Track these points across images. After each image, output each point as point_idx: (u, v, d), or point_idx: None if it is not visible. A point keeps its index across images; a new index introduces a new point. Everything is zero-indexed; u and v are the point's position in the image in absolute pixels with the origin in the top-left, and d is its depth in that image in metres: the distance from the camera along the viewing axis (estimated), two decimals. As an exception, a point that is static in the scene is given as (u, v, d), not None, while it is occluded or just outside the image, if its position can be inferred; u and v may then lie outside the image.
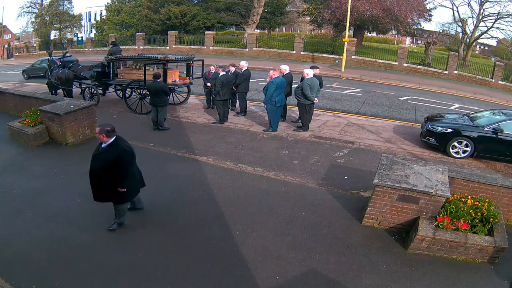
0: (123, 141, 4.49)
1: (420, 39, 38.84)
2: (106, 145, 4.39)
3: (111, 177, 4.41)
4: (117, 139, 4.44)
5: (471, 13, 29.29)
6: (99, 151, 4.46)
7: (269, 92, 8.39)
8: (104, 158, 4.37)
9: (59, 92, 11.84)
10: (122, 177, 4.42)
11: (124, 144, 4.46)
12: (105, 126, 4.38)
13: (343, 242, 4.77)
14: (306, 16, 30.84)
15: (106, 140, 4.37)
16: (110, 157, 4.32)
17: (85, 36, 41.05)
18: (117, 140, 4.42)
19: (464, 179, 5.18)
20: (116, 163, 4.32)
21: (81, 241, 4.66)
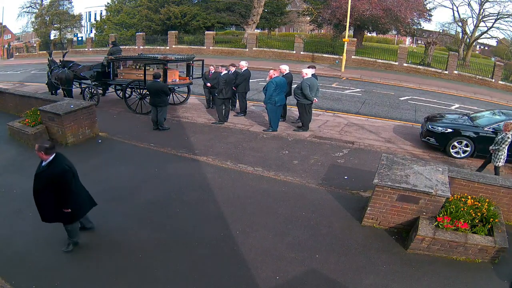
0: (63, 159, 4.20)
1: (420, 39, 38.84)
2: (46, 163, 4.12)
3: (54, 197, 4.15)
4: (57, 157, 4.15)
5: (471, 13, 29.34)
6: (40, 169, 4.18)
7: (268, 92, 8.40)
8: (44, 177, 4.11)
9: (59, 92, 11.83)
10: (65, 197, 4.15)
11: (64, 163, 4.17)
12: (43, 143, 4.12)
13: (343, 242, 4.77)
14: (306, 16, 30.82)
15: (46, 158, 4.11)
16: (49, 177, 4.07)
17: (85, 36, 41.06)
18: (56, 159, 4.14)
19: (464, 179, 5.18)
20: (56, 183, 4.07)
21: (81, 241, 4.65)
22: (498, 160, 6.82)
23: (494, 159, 6.88)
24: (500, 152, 6.78)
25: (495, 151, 6.82)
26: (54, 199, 4.16)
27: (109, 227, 5.01)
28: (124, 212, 5.35)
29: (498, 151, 6.78)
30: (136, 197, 5.77)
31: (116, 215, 5.27)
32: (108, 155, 7.47)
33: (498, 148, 6.76)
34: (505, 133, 6.70)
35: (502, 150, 6.76)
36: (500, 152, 6.78)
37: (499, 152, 6.78)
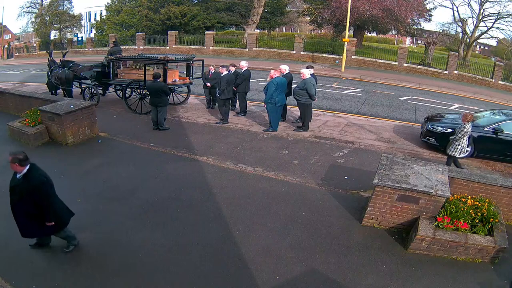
0: (38, 170, 3.97)
1: (420, 39, 38.80)
2: (21, 175, 3.89)
3: (34, 211, 3.95)
4: (31, 168, 3.92)
5: (471, 13, 29.30)
6: (15, 182, 3.93)
7: (269, 92, 8.40)
8: (21, 191, 3.88)
9: (59, 92, 11.84)
10: (47, 210, 3.98)
11: (40, 174, 3.95)
12: (17, 154, 3.84)
13: (343, 242, 4.77)
14: (306, 16, 30.80)
15: (20, 169, 3.86)
16: (27, 190, 3.84)
17: (85, 36, 41.02)
18: (32, 170, 3.91)
19: (464, 179, 5.18)
20: (36, 195, 3.87)
21: (81, 241, 4.65)
22: (454, 150, 6.78)
23: (450, 148, 6.84)
24: (457, 142, 6.73)
25: (453, 141, 6.80)
26: (34, 213, 3.96)
27: (109, 227, 5.01)
28: (124, 212, 5.35)
29: (455, 140, 6.74)
30: (136, 197, 5.77)
31: (116, 215, 5.27)
32: (108, 155, 7.47)
33: (455, 137, 6.74)
34: (463, 124, 6.66)
35: (459, 140, 6.71)
36: (457, 142, 6.73)
37: (456, 142, 6.74)
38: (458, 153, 6.77)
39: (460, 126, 6.66)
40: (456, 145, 6.74)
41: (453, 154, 6.82)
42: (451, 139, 6.84)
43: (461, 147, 6.72)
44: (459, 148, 6.72)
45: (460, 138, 6.65)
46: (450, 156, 6.88)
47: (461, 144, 6.70)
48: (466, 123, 6.58)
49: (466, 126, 6.58)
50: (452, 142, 6.80)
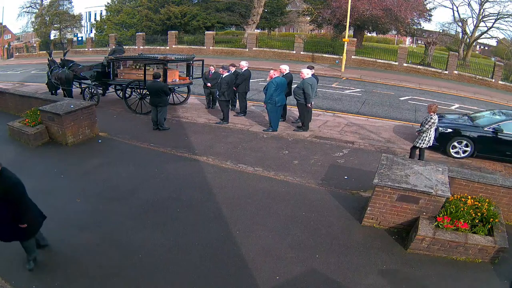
0: (9, 172, 3.87)
1: (420, 39, 38.80)
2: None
3: (6, 214, 3.86)
4: (3, 171, 3.80)
5: (471, 13, 29.29)
6: None
7: (269, 92, 8.40)
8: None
9: (59, 92, 11.83)
10: (20, 212, 3.88)
11: (13, 175, 3.85)
12: None
13: (343, 242, 4.77)
14: (306, 16, 30.79)
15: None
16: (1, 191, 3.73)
17: (85, 36, 41.02)
18: (3, 172, 3.80)
19: (464, 179, 5.18)
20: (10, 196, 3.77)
21: (81, 241, 4.66)
22: (422, 142, 6.94)
23: (417, 140, 6.98)
24: (424, 134, 6.88)
25: (419, 133, 6.94)
26: (6, 215, 3.86)
27: (109, 227, 5.01)
28: (124, 212, 5.35)
29: (422, 132, 6.88)
30: (136, 197, 5.77)
31: (116, 215, 5.27)
32: (108, 155, 7.47)
33: (421, 129, 6.88)
34: (430, 115, 6.80)
35: (425, 132, 6.85)
36: (424, 133, 6.87)
37: (423, 134, 6.88)
38: (426, 144, 6.95)
39: (427, 118, 6.84)
40: (423, 137, 6.91)
41: (420, 146, 6.99)
42: (417, 131, 7.03)
43: (428, 139, 6.90)
44: (427, 139, 6.90)
45: (428, 129, 6.83)
46: (416, 147, 7.07)
47: (428, 136, 6.88)
48: (432, 114, 6.78)
49: (433, 117, 6.76)
50: (420, 135, 6.96)
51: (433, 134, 6.95)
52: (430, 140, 6.94)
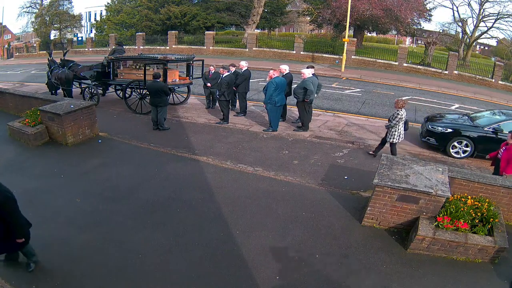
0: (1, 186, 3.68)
1: (420, 39, 38.83)
2: None
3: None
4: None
5: (471, 13, 29.31)
6: None
7: (268, 92, 8.40)
8: None
9: (59, 92, 11.83)
10: (15, 227, 3.76)
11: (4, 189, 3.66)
12: None
13: (343, 242, 4.77)
14: (306, 16, 30.82)
15: None
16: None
17: (85, 36, 41.01)
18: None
19: (464, 179, 5.18)
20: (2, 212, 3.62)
21: (81, 241, 4.66)
22: (392, 137, 7.18)
23: (388, 135, 7.22)
24: (393, 129, 7.12)
25: (389, 128, 7.15)
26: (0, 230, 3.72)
27: (109, 227, 5.00)
28: (124, 212, 5.35)
29: (391, 127, 7.11)
30: (136, 197, 5.77)
31: (116, 215, 5.27)
32: (108, 155, 7.47)
33: (390, 125, 7.10)
34: (396, 110, 7.02)
35: (394, 127, 7.08)
36: (393, 128, 7.11)
37: (392, 129, 7.12)
38: (397, 139, 7.18)
39: (394, 113, 7.07)
40: (393, 132, 7.13)
41: (392, 141, 7.21)
42: (386, 126, 7.25)
43: (398, 133, 7.13)
44: (396, 134, 7.13)
45: (396, 124, 7.05)
46: (392, 143, 7.28)
47: (397, 130, 7.11)
48: (399, 109, 7.00)
49: (400, 112, 6.99)
50: (389, 130, 7.18)
51: (402, 129, 7.18)
52: (400, 135, 7.19)
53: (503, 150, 6.03)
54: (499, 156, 6.09)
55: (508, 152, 5.83)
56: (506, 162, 5.84)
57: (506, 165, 5.83)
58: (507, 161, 5.82)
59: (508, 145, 5.86)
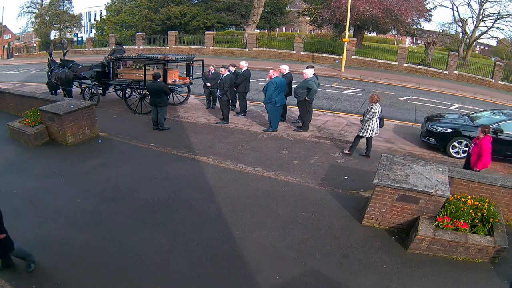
0: None
1: (420, 39, 38.83)
2: None
3: None
4: None
5: (471, 13, 29.29)
6: None
7: (268, 92, 8.40)
8: None
9: (59, 92, 11.83)
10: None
11: None
12: None
13: (343, 242, 4.77)
14: (306, 16, 30.81)
15: None
16: None
17: (85, 36, 41.01)
18: None
19: (464, 179, 5.18)
20: None
21: (81, 241, 4.66)
22: (365, 131, 7.29)
23: (361, 130, 7.33)
24: (366, 123, 7.22)
25: (363, 123, 7.26)
26: None
27: (109, 227, 5.01)
28: (124, 212, 5.35)
29: (365, 122, 7.21)
30: (136, 197, 5.77)
31: (116, 215, 5.27)
32: (108, 155, 7.47)
33: (364, 119, 7.20)
34: (371, 105, 7.12)
35: (367, 121, 7.18)
36: (366, 123, 7.21)
37: (366, 123, 7.23)
38: (369, 133, 7.27)
39: (368, 107, 7.16)
40: (366, 126, 7.23)
41: (364, 135, 7.32)
42: (361, 121, 7.34)
43: (372, 128, 7.22)
44: (369, 129, 7.22)
45: (369, 119, 7.14)
46: (360, 136, 7.39)
47: (371, 125, 7.19)
48: (373, 104, 7.08)
49: (373, 106, 7.08)
50: (363, 125, 7.27)
51: (376, 123, 7.25)
52: (373, 130, 7.27)
53: (473, 145, 6.06)
54: (470, 150, 6.13)
55: (478, 147, 5.86)
56: (476, 157, 5.90)
57: (477, 160, 5.89)
58: (478, 156, 5.87)
59: (479, 140, 5.89)
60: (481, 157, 5.83)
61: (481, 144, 5.82)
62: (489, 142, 5.82)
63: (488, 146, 5.79)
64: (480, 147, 5.82)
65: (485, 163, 5.88)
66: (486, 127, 5.89)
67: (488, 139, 5.82)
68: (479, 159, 5.85)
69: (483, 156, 5.80)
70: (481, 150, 5.81)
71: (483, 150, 5.78)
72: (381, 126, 7.49)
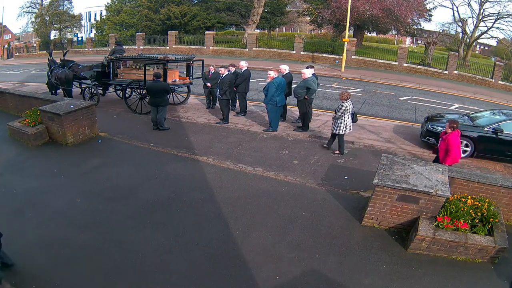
0: None
1: (420, 39, 38.84)
2: None
3: None
4: None
5: (471, 13, 29.29)
6: None
7: (270, 92, 8.39)
8: None
9: (59, 92, 11.83)
10: None
11: None
12: None
13: (343, 242, 4.77)
14: (306, 16, 30.82)
15: None
16: None
17: (85, 36, 41.01)
18: None
19: (464, 179, 5.18)
20: None
21: (81, 241, 4.66)
22: (337, 128, 7.36)
23: (333, 127, 7.41)
24: (338, 120, 7.29)
25: (335, 120, 7.33)
26: None
27: (109, 227, 5.01)
28: (124, 212, 5.35)
29: (337, 119, 7.28)
30: (136, 197, 5.77)
31: (116, 215, 5.27)
32: (108, 155, 7.47)
33: (335, 116, 7.27)
34: (341, 102, 7.19)
35: (339, 118, 7.26)
36: (338, 120, 7.28)
37: (338, 120, 7.29)
38: (343, 130, 7.33)
39: (339, 105, 7.22)
40: (338, 123, 7.29)
41: (338, 132, 7.38)
42: (333, 118, 7.42)
43: (344, 125, 7.27)
44: (342, 126, 7.28)
45: (341, 116, 7.21)
46: (339, 135, 7.43)
47: (343, 122, 7.25)
48: (344, 101, 7.16)
49: (344, 104, 7.15)
50: (336, 122, 7.33)
51: (349, 120, 7.31)
52: (346, 127, 7.33)
53: (440, 140, 5.99)
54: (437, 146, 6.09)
55: (445, 142, 5.80)
56: (444, 152, 5.84)
57: (445, 155, 5.82)
58: (445, 151, 5.80)
59: (446, 135, 5.81)
60: (449, 153, 5.71)
61: (448, 140, 5.71)
62: (457, 138, 5.70)
63: (456, 141, 5.66)
64: (447, 143, 5.71)
65: (454, 158, 5.76)
66: (454, 122, 5.75)
67: (456, 135, 5.69)
68: (447, 154, 5.74)
69: (451, 152, 5.69)
70: (448, 146, 5.70)
71: (450, 146, 5.67)
72: (354, 122, 7.60)
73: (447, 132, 5.79)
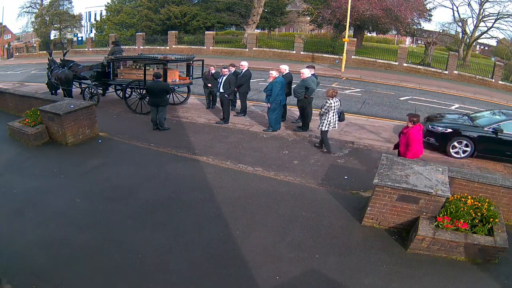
0: None
1: (420, 39, 38.84)
2: None
3: None
4: None
5: (471, 13, 29.31)
6: None
7: (274, 92, 8.37)
8: None
9: (59, 92, 11.83)
10: None
11: None
12: None
13: (343, 242, 4.77)
14: (306, 16, 30.83)
15: None
16: None
17: (85, 36, 41.02)
18: None
19: (464, 179, 5.18)
20: None
21: (81, 241, 4.66)
22: (322, 125, 7.45)
23: (319, 124, 7.50)
24: (323, 117, 7.39)
25: (320, 117, 7.42)
26: None
27: (109, 227, 5.01)
28: (124, 212, 5.35)
29: (322, 115, 7.38)
30: (136, 197, 5.77)
31: (116, 215, 5.27)
32: (108, 155, 7.47)
33: (321, 113, 7.38)
34: (327, 99, 7.29)
35: (325, 115, 7.35)
36: (323, 117, 7.39)
37: (323, 117, 7.39)
38: (326, 127, 7.42)
39: (324, 102, 7.31)
40: (323, 120, 7.38)
41: (324, 129, 7.46)
42: (319, 115, 7.48)
43: (328, 121, 7.36)
44: (326, 122, 7.37)
45: (325, 112, 7.30)
46: (323, 131, 7.52)
47: (327, 119, 7.34)
48: (330, 98, 7.23)
49: (329, 101, 7.24)
50: (320, 118, 7.42)
51: (333, 117, 7.38)
52: (331, 123, 7.40)
53: (401, 135, 5.96)
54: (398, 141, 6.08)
55: (406, 136, 5.77)
56: (405, 147, 5.83)
57: (405, 150, 5.80)
58: (406, 146, 5.78)
59: (407, 129, 5.77)
60: (409, 147, 5.68)
61: (408, 134, 5.66)
62: (418, 132, 5.65)
63: (416, 136, 5.62)
64: (408, 137, 5.67)
65: (415, 153, 5.72)
66: (414, 116, 5.70)
67: (417, 129, 5.64)
68: (408, 149, 5.71)
69: (412, 146, 5.65)
70: (408, 140, 5.67)
71: (411, 140, 5.63)
72: (341, 120, 7.66)
73: (408, 127, 5.73)
